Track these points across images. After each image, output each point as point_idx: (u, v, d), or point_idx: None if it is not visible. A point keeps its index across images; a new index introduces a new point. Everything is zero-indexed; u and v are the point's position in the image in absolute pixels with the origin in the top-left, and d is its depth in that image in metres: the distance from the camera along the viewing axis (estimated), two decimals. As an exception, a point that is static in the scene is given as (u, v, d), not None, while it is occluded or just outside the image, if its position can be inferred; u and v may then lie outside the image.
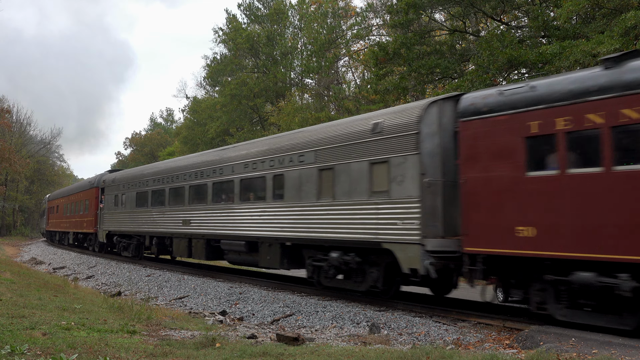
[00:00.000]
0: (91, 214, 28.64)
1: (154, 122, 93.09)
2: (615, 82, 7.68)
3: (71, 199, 34.53)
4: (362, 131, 11.58)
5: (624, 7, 15.70)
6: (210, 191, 17.16)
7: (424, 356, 6.59)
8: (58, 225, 40.03)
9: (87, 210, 29.77)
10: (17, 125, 62.16)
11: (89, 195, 29.32)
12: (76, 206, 32.63)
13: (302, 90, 42.46)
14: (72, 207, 34.16)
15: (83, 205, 30.75)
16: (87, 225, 29.66)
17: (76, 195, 33.01)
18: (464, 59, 22.96)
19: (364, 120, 12.07)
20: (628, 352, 6.68)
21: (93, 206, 28.32)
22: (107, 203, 25.75)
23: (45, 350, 6.09)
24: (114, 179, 25.87)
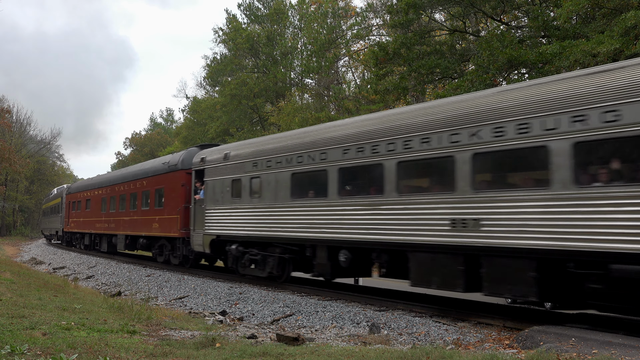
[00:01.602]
0: (173, 210, 19.18)
1: (154, 122, 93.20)
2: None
3: (121, 190, 24.82)
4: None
5: (624, 7, 15.70)
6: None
7: (424, 356, 6.59)
8: (88, 226, 29.98)
9: (160, 205, 20.51)
10: (17, 125, 62.20)
11: (169, 183, 19.88)
12: (134, 199, 23.17)
13: (302, 90, 42.49)
14: (122, 201, 24.45)
15: (152, 197, 21.26)
16: (165, 226, 19.76)
17: (134, 184, 23.32)
18: (464, 59, 22.98)
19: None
20: (628, 352, 6.68)
21: (179, 198, 18.83)
22: (212, 193, 16.36)
23: (45, 350, 6.09)
24: (229, 155, 15.87)
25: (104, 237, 27.59)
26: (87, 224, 30.31)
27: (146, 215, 21.64)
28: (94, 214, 28.69)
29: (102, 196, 27.64)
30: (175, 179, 19.44)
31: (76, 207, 33.13)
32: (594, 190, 7.81)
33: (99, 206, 28.01)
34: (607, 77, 8.03)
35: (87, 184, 32.34)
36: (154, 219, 20.79)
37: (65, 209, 36.44)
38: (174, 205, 19.10)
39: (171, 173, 19.82)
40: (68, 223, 35.15)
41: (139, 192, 22.70)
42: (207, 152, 17.55)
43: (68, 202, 35.47)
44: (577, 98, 8.11)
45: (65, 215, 36.25)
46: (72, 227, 34.03)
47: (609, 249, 7.55)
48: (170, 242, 20.11)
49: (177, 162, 19.49)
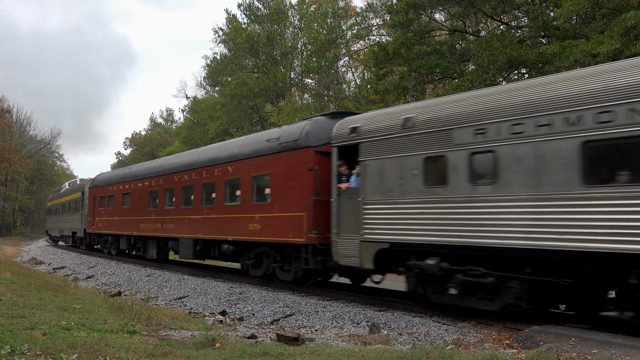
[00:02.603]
0: (290, 205, 13.41)
1: (154, 122, 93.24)
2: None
3: (184, 180, 18.75)
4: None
5: (624, 7, 15.70)
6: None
7: (424, 356, 6.59)
8: (125, 226, 23.78)
9: (262, 198, 14.75)
10: (17, 125, 62.22)
11: (281, 167, 13.93)
12: (208, 191, 17.38)
13: (302, 90, 42.50)
14: (187, 194, 18.61)
15: (245, 187, 15.32)
16: (275, 228, 13.89)
17: (209, 172, 17.19)
18: (464, 59, 22.98)
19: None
20: (628, 352, 6.68)
21: (304, 188, 13.01)
22: (376, 179, 11.04)
23: (45, 350, 6.09)
24: (414, 121, 10.40)
25: (151, 240, 21.47)
26: (124, 224, 23.91)
27: (234, 212, 15.58)
28: (136, 211, 22.53)
29: (149, 189, 21.47)
30: (293, 161, 13.37)
31: (106, 204, 26.49)
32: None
33: (144, 201, 21.85)
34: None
35: (123, 174, 25.45)
36: (250, 218, 14.73)
37: (89, 205, 29.47)
38: (294, 198, 13.14)
39: (286, 153, 13.75)
40: (93, 223, 28.22)
41: (219, 182, 16.48)
42: (362, 120, 11.73)
43: (92, 198, 28.61)
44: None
45: (89, 214, 29.17)
46: (99, 228, 27.20)
47: None
48: (282, 249, 13.99)
49: (299, 137, 13.29)
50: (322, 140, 12.98)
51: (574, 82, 8.32)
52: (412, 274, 10.36)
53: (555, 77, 9.00)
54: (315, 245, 12.58)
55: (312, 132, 13.19)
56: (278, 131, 14.71)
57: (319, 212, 12.69)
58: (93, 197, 28.74)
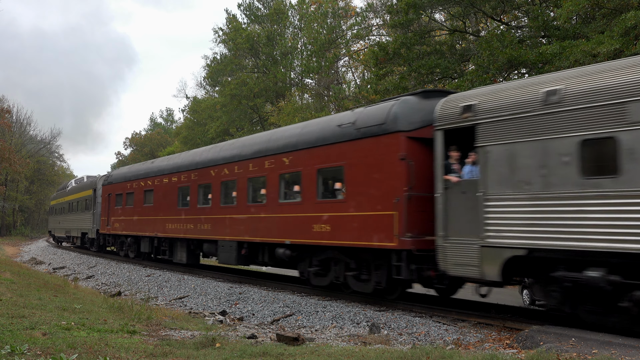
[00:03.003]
0: (375, 202, 11.15)
1: (154, 122, 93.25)
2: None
3: (223, 175, 16.33)
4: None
5: (624, 7, 15.70)
6: None
7: (424, 356, 6.59)
8: (147, 226, 21.19)
9: (330, 194, 12.67)
10: (17, 125, 62.23)
11: (360, 156, 11.62)
12: (256, 187, 15.04)
13: (302, 90, 42.51)
14: (227, 191, 16.38)
15: (308, 181, 12.92)
16: (352, 230, 11.59)
17: (258, 165, 14.73)
18: (464, 59, 22.98)
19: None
20: (628, 352, 6.68)
21: (392, 181, 10.79)
22: (505, 169, 8.95)
23: (45, 350, 6.09)
24: (561, 94, 8.25)
25: (180, 242, 19.04)
26: (146, 224, 21.33)
27: (293, 211, 13.21)
28: (161, 210, 20.07)
29: (178, 185, 19.01)
30: (378, 149, 11.09)
31: (123, 202, 23.83)
32: None
33: (171, 199, 19.37)
34: None
35: (144, 169, 22.65)
36: (315, 218, 12.36)
37: (102, 204, 26.78)
38: (379, 194, 10.88)
39: (366, 140, 11.37)
40: (108, 222, 25.38)
41: (271, 176, 14.03)
42: (478, 96, 9.65)
43: (107, 196, 25.92)
44: None
45: (103, 213, 26.46)
46: (115, 229, 24.51)
47: None
48: (357, 255, 11.70)
49: (385, 120, 10.98)
50: (415, 124, 10.69)
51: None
52: (556, 289, 8.33)
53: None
54: (411, 251, 10.22)
55: (402, 113, 10.83)
56: (352, 114, 12.25)
57: (414, 210, 10.42)
58: (107, 195, 25.89)
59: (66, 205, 37.31)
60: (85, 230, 30.96)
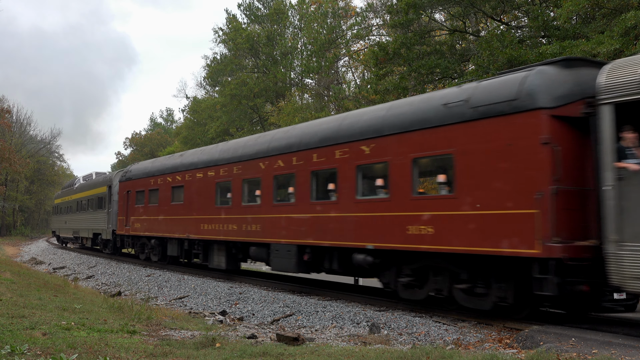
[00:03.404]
0: (504, 198, 8.87)
1: (154, 122, 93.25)
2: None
3: (276, 167, 14.20)
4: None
5: (624, 7, 15.70)
6: None
7: (424, 356, 6.59)
8: (175, 227, 18.97)
9: (426, 189, 12.90)
10: (17, 125, 62.23)
11: (477, 142, 9.37)
12: (319, 182, 12.99)
13: (302, 90, 42.51)
14: (280, 187, 14.52)
15: (396, 174, 10.77)
16: (474, 233, 9.22)
17: (324, 155, 12.63)
18: (464, 59, 22.98)
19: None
20: (628, 352, 6.68)
21: (532, 172, 8.51)
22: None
23: (45, 350, 6.09)
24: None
25: (218, 245, 16.77)
26: (174, 225, 19.06)
27: (376, 210, 11.06)
28: (194, 208, 17.81)
29: (216, 180, 16.74)
30: (506, 131, 8.95)
31: (145, 200, 21.52)
32: None
33: (207, 196, 17.12)
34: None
35: (172, 164, 20.20)
36: (411, 218, 10.28)
37: (119, 202, 24.42)
38: (511, 188, 8.80)
39: (487, 121, 9.28)
40: (127, 222, 23.06)
41: (344, 168, 11.89)
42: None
43: (125, 193, 23.52)
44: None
45: (120, 212, 24.06)
46: (136, 229, 22.22)
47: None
48: (469, 264, 9.64)
49: (517, 95, 8.87)
50: (559, 99, 8.56)
51: None
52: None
53: None
54: (561, 261, 8.05)
55: (541, 86, 8.68)
56: (460, 91, 10.08)
57: (563, 208, 8.30)
58: (126, 193, 23.33)
59: (74, 204, 34.61)
60: (98, 231, 28.23)
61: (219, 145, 18.52)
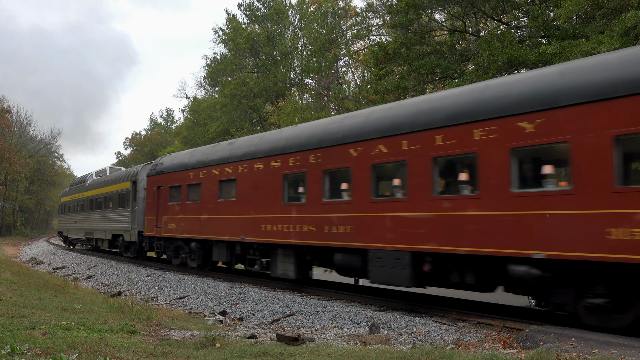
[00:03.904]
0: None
1: (154, 122, 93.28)
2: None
3: (384, 154, 11.19)
4: None
5: (624, 7, 15.71)
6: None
7: (424, 356, 6.59)
8: (233, 228, 15.77)
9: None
10: (17, 125, 62.23)
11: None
12: (445, 171, 10.43)
13: (302, 90, 42.50)
14: (394, 177, 11.28)
15: (586, 161, 7.93)
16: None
17: (459, 134, 9.70)
18: (464, 59, 22.98)
19: None
20: (628, 352, 6.68)
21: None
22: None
23: (45, 350, 6.09)
24: None
25: (285, 250, 13.99)
26: (222, 225, 16.16)
27: (545, 206, 8.40)
28: (252, 205, 14.93)
29: (282, 172, 13.96)
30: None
31: (183, 196, 18.42)
32: None
33: (270, 191, 14.29)
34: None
35: (219, 154, 17.07)
36: (611, 217, 7.66)
37: (148, 199, 21.31)
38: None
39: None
40: (158, 222, 20.02)
41: (488, 152, 9.25)
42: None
43: (156, 189, 20.40)
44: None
45: (149, 210, 20.95)
46: (170, 230, 19.09)
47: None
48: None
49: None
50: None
51: None
52: None
53: None
54: None
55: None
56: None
57: None
58: (156, 188, 20.28)
59: (86, 202, 31.31)
60: (119, 232, 25.08)
61: (283, 130, 15.22)
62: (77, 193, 34.23)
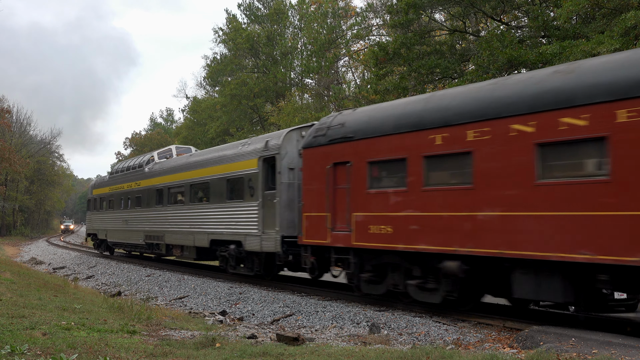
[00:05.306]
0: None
1: (154, 122, 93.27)
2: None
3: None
4: None
5: (624, 7, 15.70)
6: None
7: (424, 356, 6.59)
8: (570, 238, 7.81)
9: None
10: (17, 125, 62.20)
11: None
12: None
13: (302, 90, 42.50)
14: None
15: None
16: None
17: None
18: (464, 59, 22.98)
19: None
20: (628, 352, 6.68)
21: None
22: None
23: (45, 350, 6.09)
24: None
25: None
26: (557, 228, 7.93)
27: None
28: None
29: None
30: None
31: (410, 177, 10.24)
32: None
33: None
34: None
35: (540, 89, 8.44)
36: None
37: (306, 185, 13.02)
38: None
39: None
40: (343, 223, 11.76)
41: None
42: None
43: (330, 169, 12.07)
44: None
45: (314, 204, 12.67)
46: (377, 238, 10.93)
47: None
48: None
49: None
50: None
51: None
52: None
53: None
54: None
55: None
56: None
57: None
58: (332, 166, 12.00)
59: (146, 194, 22.43)
60: (231, 237, 15.97)
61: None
62: (127, 182, 25.13)
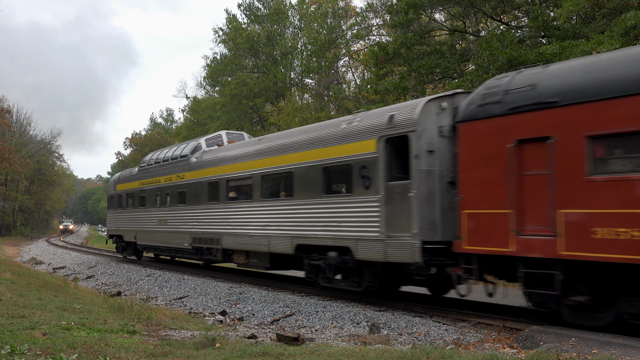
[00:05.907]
0: None
1: (154, 122, 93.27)
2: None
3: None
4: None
5: (624, 7, 15.70)
6: None
7: (424, 356, 6.59)
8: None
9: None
10: (17, 125, 62.19)
11: None
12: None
13: (302, 90, 42.49)
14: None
15: None
16: None
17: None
18: (464, 59, 22.98)
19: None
20: (628, 352, 6.68)
21: None
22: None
23: (45, 350, 6.09)
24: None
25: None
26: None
27: None
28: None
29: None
30: None
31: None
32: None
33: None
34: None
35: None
36: None
37: (473, 172, 8.95)
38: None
39: None
40: (545, 226, 7.86)
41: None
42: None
43: (513, 148, 8.24)
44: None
45: (483, 198, 8.78)
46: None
47: None
48: None
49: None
50: None
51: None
52: None
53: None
54: None
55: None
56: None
57: None
58: (515, 144, 8.29)
59: (193, 189, 18.33)
60: (334, 242, 12.01)
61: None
62: (164, 175, 21.24)
